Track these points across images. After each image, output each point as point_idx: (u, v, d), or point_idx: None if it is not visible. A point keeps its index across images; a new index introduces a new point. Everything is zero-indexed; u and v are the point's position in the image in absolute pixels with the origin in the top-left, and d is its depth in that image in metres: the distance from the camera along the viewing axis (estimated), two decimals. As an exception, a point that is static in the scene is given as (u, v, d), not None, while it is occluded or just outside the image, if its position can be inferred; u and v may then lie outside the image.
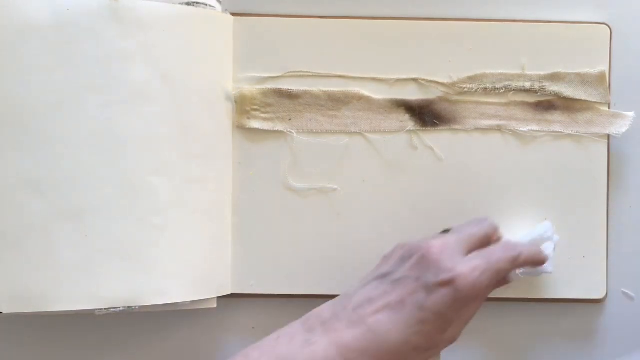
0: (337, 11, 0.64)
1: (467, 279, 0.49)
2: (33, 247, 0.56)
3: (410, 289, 0.49)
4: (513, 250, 0.53)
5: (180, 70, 0.59)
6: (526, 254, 0.53)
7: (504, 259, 0.52)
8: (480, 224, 0.55)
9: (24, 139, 0.56)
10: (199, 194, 0.60)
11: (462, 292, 0.49)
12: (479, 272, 0.50)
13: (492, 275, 0.50)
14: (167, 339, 0.64)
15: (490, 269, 0.50)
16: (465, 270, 0.49)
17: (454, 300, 0.49)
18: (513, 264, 0.52)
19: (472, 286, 0.49)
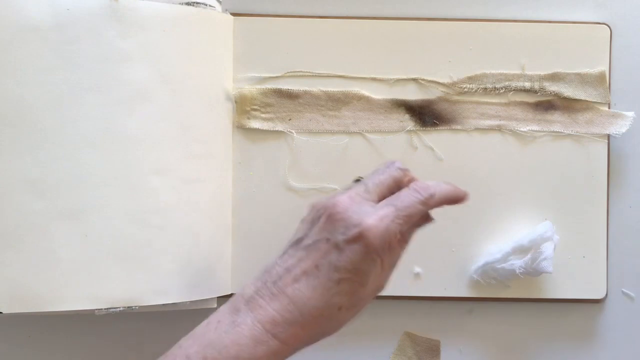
0: (337, 11, 0.64)
1: (376, 230, 0.48)
2: (33, 247, 0.56)
3: (323, 252, 0.49)
4: (424, 191, 0.51)
5: (180, 70, 0.59)
6: (440, 194, 0.51)
7: (414, 202, 0.50)
8: (387, 169, 0.53)
9: (24, 139, 0.56)
10: (199, 194, 0.60)
11: (373, 245, 0.48)
12: (388, 220, 0.48)
13: (403, 221, 0.49)
14: (167, 339, 0.64)
15: (400, 215, 0.49)
16: (373, 222, 0.48)
17: (366, 254, 0.48)
18: (426, 205, 0.51)
19: (381, 236, 0.48)
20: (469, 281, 0.63)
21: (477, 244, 0.63)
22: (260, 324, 0.48)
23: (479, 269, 0.62)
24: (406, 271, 0.63)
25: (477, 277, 0.62)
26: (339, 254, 0.48)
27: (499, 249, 0.62)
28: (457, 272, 0.63)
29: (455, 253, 0.63)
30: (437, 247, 0.63)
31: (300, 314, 0.48)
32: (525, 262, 0.61)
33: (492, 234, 0.63)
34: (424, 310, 0.64)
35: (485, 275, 0.62)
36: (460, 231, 0.63)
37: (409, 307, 0.64)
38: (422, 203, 0.50)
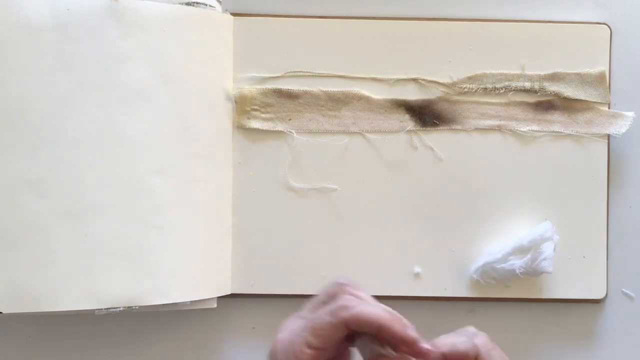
0: (337, 11, 0.64)
1: (280, 344, 0.48)
2: (33, 247, 0.56)
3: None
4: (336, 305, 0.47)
5: (180, 70, 0.59)
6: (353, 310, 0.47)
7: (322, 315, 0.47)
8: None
9: (24, 139, 0.56)
10: (199, 194, 0.60)
11: (275, 357, 0.48)
12: (293, 335, 0.48)
13: (310, 334, 0.47)
14: (167, 339, 0.64)
15: (307, 327, 0.47)
16: (282, 336, 0.48)
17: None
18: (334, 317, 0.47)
19: (284, 351, 0.47)
20: (469, 281, 0.63)
21: (477, 244, 0.63)
22: None
23: (479, 269, 0.62)
24: (406, 271, 0.63)
25: (477, 277, 0.62)
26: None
27: (499, 249, 0.62)
28: (457, 272, 0.63)
29: (455, 253, 0.63)
30: (437, 247, 0.63)
31: None
32: (525, 262, 0.61)
33: (492, 234, 0.63)
34: (424, 310, 0.64)
35: (485, 275, 0.62)
36: (460, 231, 0.63)
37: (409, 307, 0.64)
38: (330, 314, 0.47)
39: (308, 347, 0.47)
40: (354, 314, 0.47)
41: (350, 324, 0.47)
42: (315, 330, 0.47)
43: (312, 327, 0.47)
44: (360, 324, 0.47)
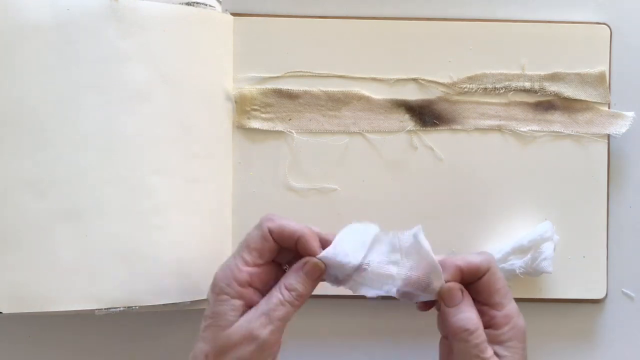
0: (337, 11, 0.64)
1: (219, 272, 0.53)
2: (33, 247, 0.56)
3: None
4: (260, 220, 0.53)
5: (180, 70, 0.59)
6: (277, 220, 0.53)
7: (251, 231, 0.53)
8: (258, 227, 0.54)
9: (24, 139, 0.56)
10: (199, 194, 0.60)
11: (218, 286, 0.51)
12: (227, 259, 0.53)
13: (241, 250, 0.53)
14: (167, 339, 0.64)
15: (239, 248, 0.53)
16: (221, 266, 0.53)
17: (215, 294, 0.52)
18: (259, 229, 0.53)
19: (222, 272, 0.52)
20: (469, 281, 0.63)
21: (477, 244, 0.63)
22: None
23: (479, 269, 0.62)
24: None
25: (477, 277, 0.62)
26: (208, 304, 0.52)
27: (499, 249, 0.62)
28: (457, 272, 0.63)
29: (455, 253, 0.63)
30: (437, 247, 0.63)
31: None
32: (525, 262, 0.61)
33: (492, 234, 0.63)
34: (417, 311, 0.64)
35: (485, 275, 0.62)
36: (460, 231, 0.63)
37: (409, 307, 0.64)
38: (257, 226, 0.52)
39: (244, 264, 0.51)
40: (277, 223, 0.52)
41: (274, 232, 0.51)
42: (247, 246, 0.52)
43: (243, 244, 0.52)
44: (283, 233, 0.51)
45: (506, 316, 0.53)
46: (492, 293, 0.53)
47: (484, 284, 0.53)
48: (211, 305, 0.51)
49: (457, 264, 0.53)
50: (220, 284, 0.51)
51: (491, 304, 0.53)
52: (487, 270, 0.53)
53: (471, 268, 0.53)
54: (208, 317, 0.51)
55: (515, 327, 0.53)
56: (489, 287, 0.53)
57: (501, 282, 0.53)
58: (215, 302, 0.51)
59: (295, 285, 0.51)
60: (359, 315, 0.64)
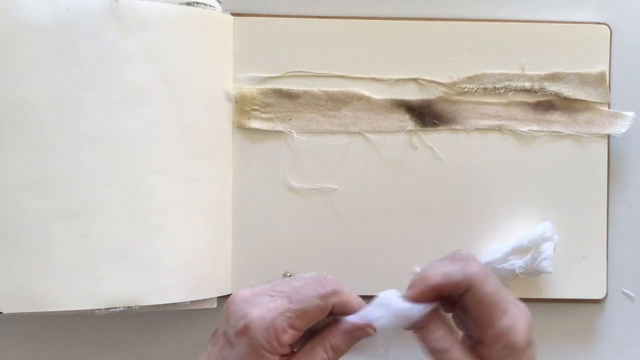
0: (337, 11, 0.64)
1: (260, 322, 0.45)
2: (33, 247, 0.56)
3: (220, 346, 0.47)
4: (327, 285, 0.46)
5: (180, 70, 0.59)
6: (342, 295, 0.47)
7: (311, 295, 0.46)
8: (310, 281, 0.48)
9: (24, 139, 0.56)
10: (199, 194, 0.60)
11: (257, 339, 0.45)
12: (276, 313, 0.45)
13: (295, 315, 0.45)
14: (167, 339, 0.64)
15: (292, 308, 0.45)
16: (259, 314, 0.45)
17: (252, 348, 0.45)
18: (324, 301, 0.46)
19: (266, 330, 0.45)
20: (469, 281, 0.63)
21: (477, 244, 0.63)
22: None
23: (479, 269, 0.62)
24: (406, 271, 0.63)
25: (477, 277, 0.62)
26: (231, 348, 0.46)
27: (499, 249, 0.62)
28: (457, 272, 0.63)
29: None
30: (437, 247, 0.63)
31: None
32: (525, 262, 0.61)
33: (492, 234, 0.63)
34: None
35: (485, 275, 0.62)
36: (460, 231, 0.63)
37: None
38: (321, 298, 0.46)
39: (291, 327, 0.46)
40: (343, 300, 0.47)
41: (336, 309, 0.46)
42: (302, 311, 0.46)
43: (298, 308, 0.46)
44: (346, 311, 0.47)
45: (496, 335, 0.47)
46: (478, 311, 0.47)
47: (468, 302, 0.47)
48: (240, 354, 0.46)
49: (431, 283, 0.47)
50: (261, 339, 0.45)
51: (478, 322, 0.47)
52: (468, 288, 0.47)
53: (448, 285, 0.47)
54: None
55: (508, 345, 0.47)
56: (474, 305, 0.47)
57: (489, 298, 0.47)
58: (249, 354, 0.45)
59: (341, 346, 0.47)
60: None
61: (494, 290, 0.47)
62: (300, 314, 0.46)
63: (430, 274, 0.48)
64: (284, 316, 0.45)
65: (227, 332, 0.47)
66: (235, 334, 0.46)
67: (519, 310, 0.49)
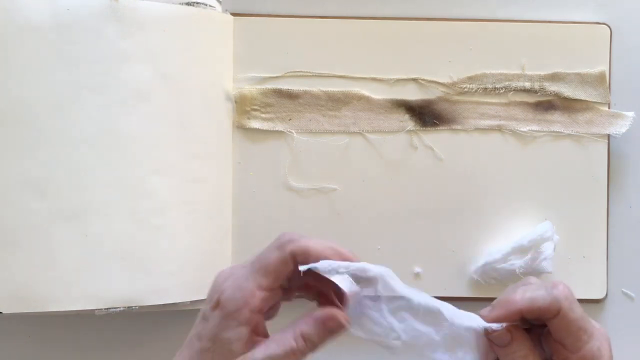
0: (337, 11, 0.64)
1: (229, 291, 0.44)
2: (33, 247, 0.56)
3: (196, 324, 0.46)
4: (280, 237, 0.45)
5: (180, 70, 0.59)
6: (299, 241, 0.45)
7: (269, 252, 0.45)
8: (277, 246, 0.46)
9: (24, 139, 0.56)
10: (199, 194, 0.60)
11: (227, 308, 0.44)
12: (242, 279, 0.45)
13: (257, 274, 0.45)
14: (167, 339, 0.64)
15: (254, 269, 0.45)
16: (229, 283, 0.44)
17: (222, 319, 0.44)
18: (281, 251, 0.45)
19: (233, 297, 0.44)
20: (469, 281, 0.63)
21: (477, 244, 0.63)
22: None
23: (479, 269, 0.62)
24: (406, 271, 0.63)
25: (477, 277, 0.62)
26: (205, 323, 0.45)
27: (499, 249, 0.62)
28: (457, 272, 0.63)
29: (455, 253, 0.63)
30: (437, 247, 0.63)
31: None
32: (525, 262, 0.61)
33: (492, 234, 0.63)
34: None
35: (485, 276, 0.62)
36: (460, 231, 0.63)
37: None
38: (277, 248, 0.45)
39: (259, 288, 0.45)
40: (302, 245, 0.45)
41: (297, 255, 0.45)
42: (264, 268, 0.45)
43: (260, 266, 0.45)
44: (306, 255, 0.45)
45: (582, 358, 0.46)
46: (564, 336, 0.46)
47: (555, 326, 0.45)
48: (212, 326, 0.45)
49: (516, 307, 0.45)
50: (229, 306, 0.44)
51: (565, 345, 0.46)
52: (556, 313, 0.45)
53: (535, 310, 0.45)
54: (206, 339, 0.45)
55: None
56: (560, 330, 0.45)
57: (577, 323, 0.45)
58: (220, 325, 0.44)
59: (313, 337, 0.45)
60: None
61: (581, 315, 0.46)
62: (262, 271, 0.45)
63: (517, 298, 0.46)
64: (250, 278, 0.45)
65: (203, 309, 0.46)
66: (210, 308, 0.45)
67: (601, 333, 0.47)
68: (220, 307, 0.44)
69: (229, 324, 0.44)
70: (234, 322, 0.44)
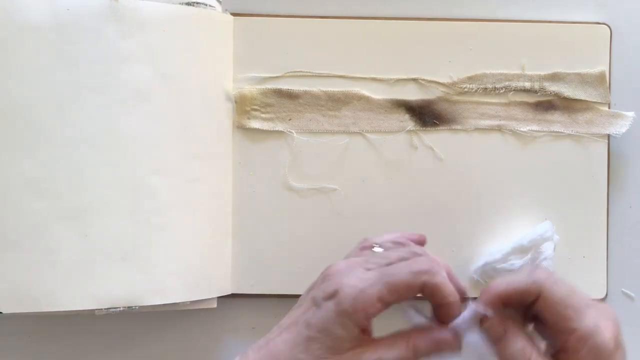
0: (337, 11, 0.64)
1: (350, 289, 0.45)
2: (33, 247, 0.56)
3: (305, 308, 0.47)
4: (418, 265, 0.46)
5: (180, 70, 0.59)
6: (435, 277, 0.46)
7: (404, 269, 0.46)
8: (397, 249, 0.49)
9: (24, 139, 0.56)
10: (199, 194, 0.60)
11: (344, 304, 0.45)
12: (367, 284, 0.45)
13: (386, 288, 0.45)
14: (167, 339, 0.64)
15: (382, 281, 0.45)
16: (351, 282, 0.45)
17: (337, 314, 0.45)
18: (415, 278, 0.45)
19: (354, 298, 0.44)
20: (469, 281, 0.63)
21: (477, 244, 0.63)
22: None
23: (479, 269, 0.62)
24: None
25: (477, 277, 0.62)
26: (315, 311, 0.46)
27: (499, 249, 0.62)
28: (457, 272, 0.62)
29: (455, 253, 0.63)
30: (437, 247, 0.63)
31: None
32: (525, 262, 0.61)
33: (492, 234, 0.63)
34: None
35: (485, 275, 0.62)
36: (460, 231, 0.63)
37: (409, 307, 0.64)
38: (413, 274, 0.45)
39: (380, 301, 0.45)
40: (436, 284, 0.46)
41: (426, 291, 0.46)
42: (393, 286, 0.45)
43: (390, 282, 0.45)
44: (434, 294, 0.46)
45: (579, 339, 0.44)
46: (555, 317, 0.45)
47: (542, 309, 0.45)
48: (325, 318, 0.45)
49: (495, 291, 0.46)
50: (348, 305, 0.45)
51: (559, 329, 0.45)
52: (537, 294, 0.45)
53: (515, 293, 0.46)
54: (315, 329, 0.45)
55: (594, 348, 0.44)
56: (548, 311, 0.45)
57: (563, 302, 0.45)
58: (334, 319, 0.45)
59: (422, 351, 0.46)
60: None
61: (567, 293, 0.45)
62: (390, 287, 0.45)
63: (496, 283, 0.47)
64: (375, 288, 0.45)
65: (316, 296, 0.47)
66: (323, 297, 0.46)
67: (600, 311, 0.46)
68: (337, 302, 0.45)
69: (344, 321, 0.45)
70: (348, 322, 0.45)
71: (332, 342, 0.45)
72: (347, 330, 0.45)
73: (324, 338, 0.45)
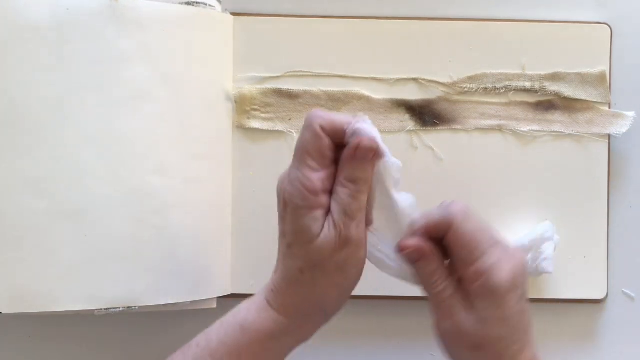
0: (337, 11, 0.64)
1: (289, 188, 0.48)
2: (33, 247, 0.56)
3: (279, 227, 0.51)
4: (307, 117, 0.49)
5: (180, 70, 0.59)
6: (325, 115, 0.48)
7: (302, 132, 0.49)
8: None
9: (24, 139, 0.56)
10: (199, 194, 0.60)
11: (285, 197, 0.48)
12: (291, 169, 0.49)
13: (301, 156, 0.48)
14: (167, 339, 0.64)
15: (296, 155, 0.49)
16: (286, 180, 0.49)
17: (292, 210, 0.48)
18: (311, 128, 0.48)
19: (293, 188, 0.48)
20: (469, 281, 0.63)
21: (477, 244, 0.63)
22: (264, 293, 0.51)
23: (479, 269, 0.62)
24: (406, 271, 0.63)
25: (477, 277, 0.62)
26: (283, 222, 0.49)
27: (499, 249, 0.62)
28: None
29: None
30: (437, 247, 0.63)
31: (281, 282, 0.50)
32: (525, 262, 0.61)
33: (492, 234, 0.63)
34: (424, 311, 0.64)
35: (485, 275, 0.62)
36: (461, 231, 0.63)
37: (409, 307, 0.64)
38: (307, 127, 0.48)
39: (310, 171, 0.48)
40: (326, 118, 0.48)
41: (326, 128, 0.48)
42: (305, 151, 0.48)
43: (301, 152, 0.48)
44: (334, 126, 0.48)
45: (475, 273, 0.47)
46: (457, 249, 0.48)
47: (450, 241, 0.48)
48: (289, 223, 0.48)
49: (418, 226, 0.49)
50: (295, 200, 0.48)
51: (461, 260, 0.48)
52: (448, 226, 0.48)
53: (431, 226, 0.49)
54: (289, 234, 0.48)
55: (486, 285, 0.47)
56: (455, 243, 0.48)
57: (469, 235, 0.47)
58: (293, 219, 0.48)
59: (355, 174, 0.48)
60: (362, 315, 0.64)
61: (475, 228, 0.48)
62: (304, 155, 0.48)
63: (417, 218, 0.50)
64: (299, 168, 0.48)
65: (279, 213, 0.50)
66: (282, 211, 0.49)
67: (506, 253, 0.48)
68: (288, 205, 0.48)
69: (301, 213, 0.48)
70: (304, 210, 0.47)
71: (306, 236, 0.48)
72: (308, 218, 0.47)
73: (298, 237, 0.48)
